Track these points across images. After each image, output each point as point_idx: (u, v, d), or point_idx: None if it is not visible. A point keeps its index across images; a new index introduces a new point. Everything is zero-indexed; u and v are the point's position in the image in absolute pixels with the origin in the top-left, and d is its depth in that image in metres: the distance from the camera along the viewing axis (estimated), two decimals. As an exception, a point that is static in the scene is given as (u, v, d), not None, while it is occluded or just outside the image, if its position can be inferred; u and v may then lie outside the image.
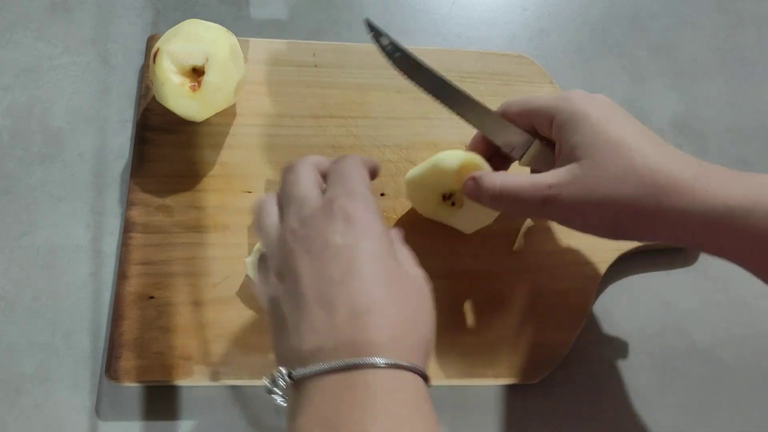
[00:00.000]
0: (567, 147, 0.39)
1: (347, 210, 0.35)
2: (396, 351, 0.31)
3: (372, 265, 0.33)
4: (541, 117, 0.42)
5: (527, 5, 0.62)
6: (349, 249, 0.34)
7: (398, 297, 0.33)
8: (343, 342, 0.31)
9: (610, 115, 0.39)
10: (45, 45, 0.55)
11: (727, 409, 0.50)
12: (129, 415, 0.46)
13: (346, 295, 0.32)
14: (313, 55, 0.55)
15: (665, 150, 0.38)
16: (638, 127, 0.39)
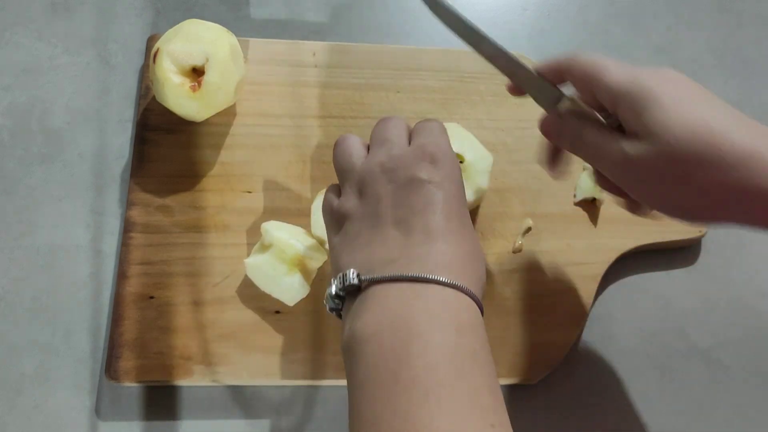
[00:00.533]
0: (638, 125, 0.37)
1: (436, 154, 0.38)
2: (459, 277, 0.34)
3: (450, 202, 0.37)
4: (607, 95, 0.39)
5: (527, 5, 0.62)
6: (432, 185, 0.37)
7: (464, 235, 0.37)
8: (415, 259, 0.35)
9: (683, 88, 0.38)
10: (45, 45, 0.55)
11: (727, 409, 0.50)
12: (129, 415, 0.46)
13: (423, 222, 0.36)
14: (313, 55, 0.55)
15: (746, 123, 0.36)
16: (716, 102, 0.38)
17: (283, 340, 0.47)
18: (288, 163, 0.52)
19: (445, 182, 0.38)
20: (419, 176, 0.37)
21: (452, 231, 0.36)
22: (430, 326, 0.32)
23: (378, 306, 0.34)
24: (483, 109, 0.55)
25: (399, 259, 0.35)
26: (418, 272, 0.34)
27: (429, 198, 0.37)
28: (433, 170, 0.38)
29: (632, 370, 0.50)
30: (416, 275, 0.34)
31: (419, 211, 0.37)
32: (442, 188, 0.37)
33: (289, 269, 0.45)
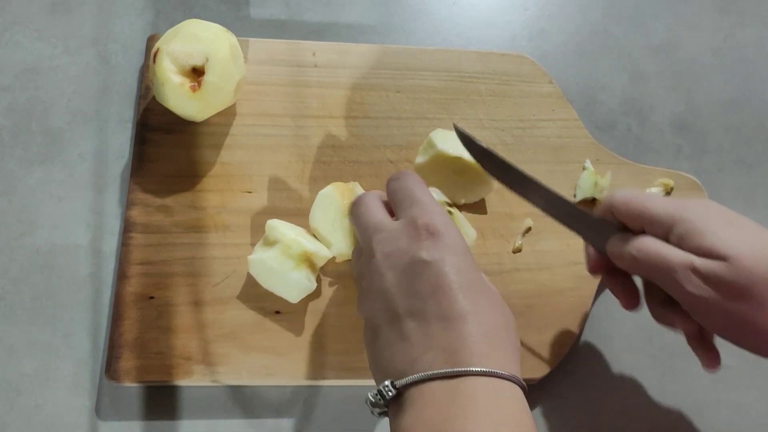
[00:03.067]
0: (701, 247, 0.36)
1: (431, 227, 0.36)
2: (491, 360, 0.33)
3: (458, 277, 0.35)
4: (658, 225, 0.39)
5: (528, 5, 0.62)
6: (435, 263, 0.35)
7: (485, 307, 0.35)
8: (440, 351, 0.33)
9: (729, 219, 0.37)
10: (45, 45, 0.55)
11: (726, 409, 0.50)
12: (129, 415, 0.46)
13: (436, 308, 0.34)
14: (313, 55, 0.55)
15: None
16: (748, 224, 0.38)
17: (283, 340, 0.47)
18: (288, 163, 0.52)
19: (448, 255, 0.35)
20: (420, 257, 0.35)
21: (471, 308, 0.34)
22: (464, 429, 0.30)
23: (413, 410, 0.32)
24: (483, 109, 0.55)
25: (423, 355, 0.33)
26: (445, 367, 0.32)
27: (435, 279, 0.35)
28: (432, 246, 0.36)
29: (632, 370, 0.50)
30: (445, 372, 0.32)
31: (429, 297, 0.35)
32: (447, 263, 0.35)
33: (296, 264, 0.46)
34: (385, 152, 0.53)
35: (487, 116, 0.55)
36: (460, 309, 0.34)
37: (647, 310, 0.52)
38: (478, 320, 0.34)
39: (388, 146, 0.53)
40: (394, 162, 0.53)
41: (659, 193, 0.54)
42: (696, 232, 0.36)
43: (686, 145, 0.58)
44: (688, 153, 0.58)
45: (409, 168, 0.53)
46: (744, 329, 0.36)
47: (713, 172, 0.57)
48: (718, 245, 0.36)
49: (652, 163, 0.57)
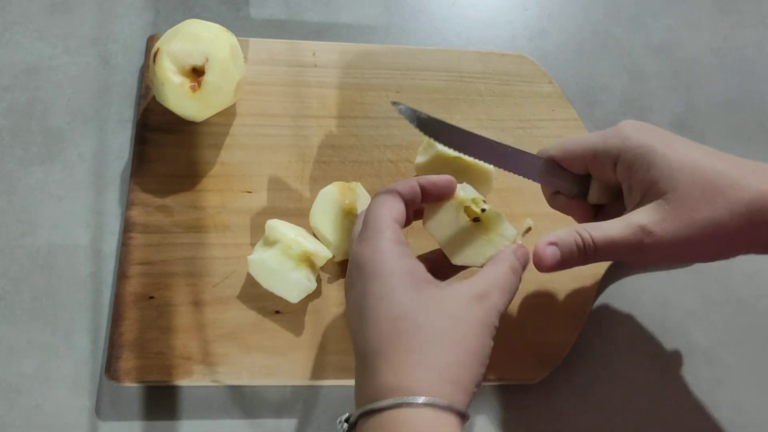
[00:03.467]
0: (644, 184, 0.38)
1: (357, 259, 0.37)
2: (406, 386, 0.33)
3: (377, 306, 0.35)
4: (602, 159, 0.40)
5: (528, 5, 0.62)
6: (359, 296, 0.36)
7: (410, 330, 0.34)
8: (371, 386, 0.34)
9: (668, 141, 0.39)
10: (45, 45, 0.55)
11: (727, 409, 0.50)
12: (129, 415, 0.46)
13: (363, 343, 0.35)
14: (313, 55, 0.55)
15: (734, 162, 0.38)
16: (697, 146, 0.39)
17: (283, 340, 0.47)
18: (288, 163, 0.52)
19: (368, 284, 0.36)
20: (349, 294, 0.37)
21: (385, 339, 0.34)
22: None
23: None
24: (483, 109, 0.55)
25: (362, 391, 0.35)
26: (366, 406, 0.33)
27: (360, 313, 0.36)
28: (358, 277, 0.37)
29: (632, 370, 0.50)
30: (364, 410, 0.33)
31: (358, 332, 0.36)
32: (366, 294, 0.36)
33: (296, 264, 0.46)
34: (385, 152, 0.53)
35: (487, 116, 0.55)
36: (374, 342, 0.35)
37: (647, 310, 0.52)
38: (393, 350, 0.34)
39: (388, 146, 0.53)
40: (394, 162, 0.53)
41: None
42: (642, 166, 0.38)
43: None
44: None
45: (409, 168, 0.53)
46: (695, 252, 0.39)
47: (713, 172, 0.57)
48: (660, 181, 0.37)
49: (652, 163, 0.57)
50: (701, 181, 0.37)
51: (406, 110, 0.41)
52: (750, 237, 0.37)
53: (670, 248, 0.37)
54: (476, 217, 0.41)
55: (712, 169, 0.37)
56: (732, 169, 0.37)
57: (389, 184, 0.52)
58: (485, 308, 0.36)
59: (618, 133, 0.40)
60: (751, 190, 0.36)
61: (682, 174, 0.37)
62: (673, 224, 0.37)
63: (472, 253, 0.40)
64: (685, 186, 0.37)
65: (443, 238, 0.41)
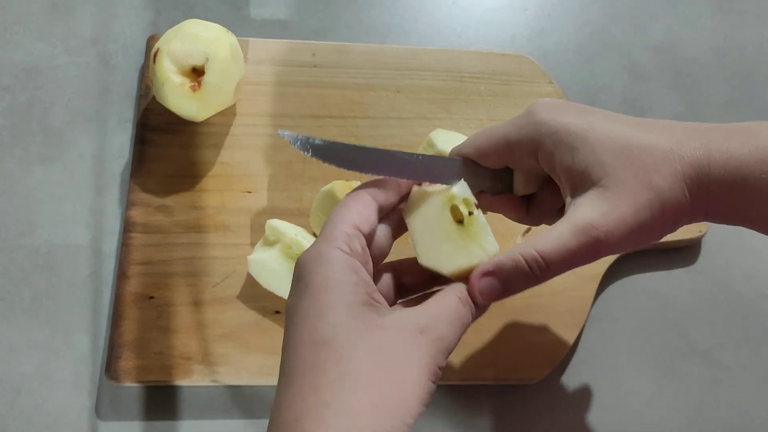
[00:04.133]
0: (571, 173, 0.35)
1: (297, 266, 0.33)
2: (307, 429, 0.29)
3: (302, 324, 0.31)
4: (518, 151, 0.36)
5: (528, 5, 0.62)
6: (290, 308, 0.32)
7: (330, 360, 0.30)
8: (276, 419, 0.30)
9: (585, 119, 0.35)
10: (45, 45, 0.55)
11: (727, 409, 0.50)
12: (129, 415, 0.46)
13: (282, 363, 0.32)
14: (313, 55, 0.55)
15: (658, 131, 0.35)
16: (613, 118, 0.36)
17: (283, 340, 0.47)
18: (288, 163, 0.52)
19: (297, 299, 0.32)
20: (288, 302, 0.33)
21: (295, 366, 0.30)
22: None
23: None
24: (483, 109, 0.55)
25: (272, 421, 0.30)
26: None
27: (285, 329, 0.32)
28: (293, 291, 0.32)
29: (632, 370, 0.50)
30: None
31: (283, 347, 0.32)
32: (293, 310, 0.32)
33: None
34: (385, 152, 0.53)
35: (487, 116, 0.55)
36: (287, 367, 0.31)
37: (647, 310, 0.52)
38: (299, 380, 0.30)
39: (388, 146, 0.53)
40: (394, 162, 0.53)
41: None
42: (565, 154, 0.34)
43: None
44: (688, 153, 0.58)
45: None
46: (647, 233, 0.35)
47: (713, 172, 0.57)
48: (589, 167, 0.34)
49: (652, 163, 0.57)
50: (632, 161, 0.33)
51: (295, 139, 0.36)
52: (691, 207, 0.34)
53: (626, 238, 0.34)
54: (461, 219, 0.36)
55: (638, 145, 0.34)
56: (657, 141, 0.34)
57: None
58: (429, 343, 0.31)
59: (530, 119, 0.36)
60: (683, 162, 0.33)
61: (609, 156, 0.34)
62: (622, 213, 0.33)
63: (443, 257, 0.35)
64: (617, 170, 0.33)
65: (418, 231, 0.36)
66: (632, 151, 0.34)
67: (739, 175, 0.33)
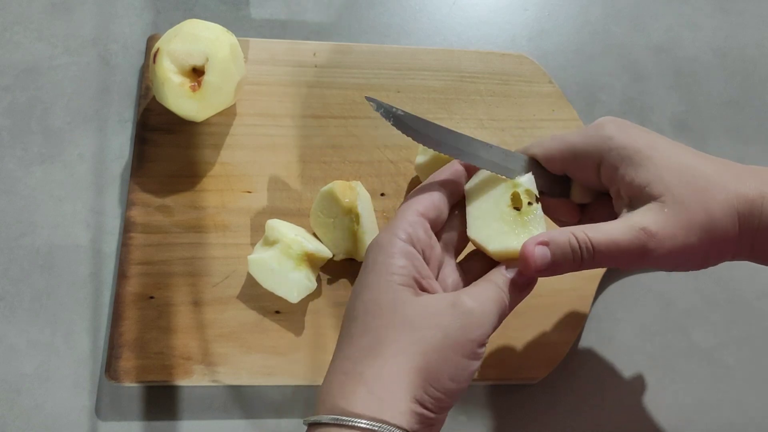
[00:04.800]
0: (632, 187, 0.36)
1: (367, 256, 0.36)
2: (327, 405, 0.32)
3: (349, 304, 0.35)
4: (583, 161, 0.38)
5: (528, 5, 0.62)
6: (351, 294, 0.35)
7: (359, 333, 0.33)
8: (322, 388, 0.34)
9: (652, 141, 0.37)
10: (45, 45, 0.55)
11: (727, 409, 0.50)
12: (129, 415, 0.46)
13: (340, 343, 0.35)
14: (313, 55, 0.55)
15: (717, 164, 0.37)
16: (678, 146, 0.38)
17: (283, 340, 0.47)
18: (288, 163, 0.52)
19: (359, 277, 0.35)
20: None
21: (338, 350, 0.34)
22: None
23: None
24: (483, 109, 0.55)
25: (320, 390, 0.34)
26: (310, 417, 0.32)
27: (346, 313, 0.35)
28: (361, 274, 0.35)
29: (633, 370, 0.50)
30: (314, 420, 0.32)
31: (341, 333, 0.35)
32: (353, 292, 0.35)
33: (296, 264, 0.46)
34: (385, 152, 0.53)
35: (487, 116, 0.55)
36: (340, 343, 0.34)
37: (647, 310, 0.52)
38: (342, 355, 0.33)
39: (388, 146, 0.53)
40: (394, 162, 0.53)
41: None
42: (629, 168, 0.36)
43: (686, 145, 0.58)
44: (688, 153, 0.58)
45: (409, 168, 0.53)
46: (692, 259, 0.37)
47: (713, 172, 0.57)
48: (651, 183, 0.36)
49: (652, 163, 0.57)
50: (692, 183, 0.35)
51: (380, 106, 0.39)
52: (737, 242, 0.36)
53: (672, 253, 0.35)
54: (518, 207, 0.38)
55: (699, 171, 0.36)
56: (717, 172, 0.36)
57: (387, 183, 0.52)
58: (457, 315, 0.33)
59: (599, 132, 0.37)
60: (738, 195, 0.35)
61: (671, 176, 0.35)
62: (675, 228, 0.35)
63: (492, 235, 0.37)
64: (677, 188, 0.35)
65: (475, 205, 0.38)
66: (693, 175, 0.36)
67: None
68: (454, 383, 0.32)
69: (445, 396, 0.32)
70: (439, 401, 0.32)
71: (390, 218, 0.51)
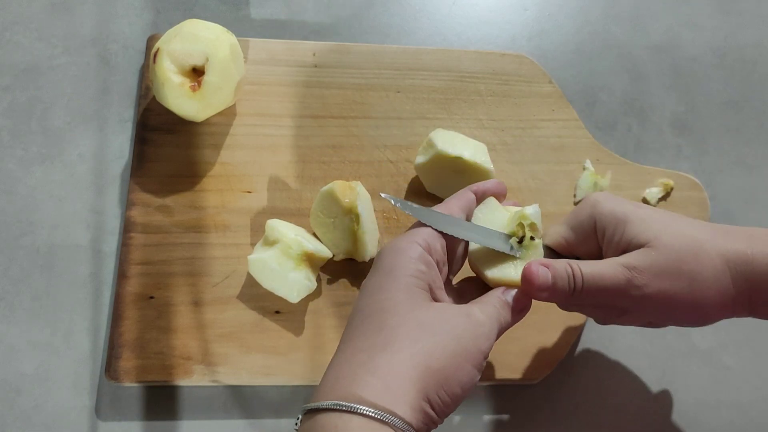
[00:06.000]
0: (622, 242, 0.38)
1: (376, 257, 0.38)
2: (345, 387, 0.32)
3: (362, 297, 0.36)
4: (582, 235, 0.40)
5: (528, 5, 0.62)
6: (360, 293, 0.37)
7: (374, 329, 0.34)
8: (324, 379, 0.34)
9: (638, 205, 0.39)
10: (45, 45, 0.55)
11: (726, 409, 0.50)
12: (129, 415, 0.46)
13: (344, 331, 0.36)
14: (313, 55, 0.55)
15: (702, 225, 0.39)
16: (664, 212, 0.40)
17: (283, 340, 0.47)
18: (288, 163, 0.52)
19: (372, 276, 0.36)
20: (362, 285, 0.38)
21: (345, 341, 0.35)
22: None
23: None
24: (483, 109, 0.55)
25: (321, 382, 0.34)
26: (310, 404, 0.32)
27: (356, 301, 0.36)
28: (370, 273, 0.37)
29: (632, 370, 0.50)
30: (309, 408, 0.32)
31: (349, 321, 0.36)
32: (364, 287, 0.36)
33: (296, 264, 0.46)
34: (385, 152, 0.53)
35: (487, 116, 0.55)
36: (344, 336, 0.35)
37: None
38: (353, 348, 0.34)
39: (388, 146, 0.53)
40: (394, 162, 0.53)
41: (659, 193, 0.54)
42: (618, 226, 0.38)
43: (686, 145, 0.58)
44: (688, 153, 0.58)
45: (409, 168, 0.53)
46: (684, 308, 0.38)
47: (713, 172, 0.57)
48: (639, 234, 0.37)
49: (652, 163, 0.57)
50: (681, 237, 0.37)
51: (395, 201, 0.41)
52: (734, 298, 0.37)
53: (661, 295, 0.37)
54: (521, 240, 0.40)
55: (687, 229, 0.38)
56: (704, 231, 0.38)
57: (387, 183, 0.52)
58: (471, 324, 0.35)
59: (588, 202, 0.40)
60: (728, 251, 0.37)
61: (659, 227, 0.37)
62: (661, 270, 0.36)
63: (492, 262, 0.39)
64: (666, 237, 0.37)
65: None
66: (681, 231, 0.37)
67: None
68: (460, 390, 0.33)
69: (451, 401, 0.33)
70: (445, 405, 0.33)
71: (390, 218, 0.51)
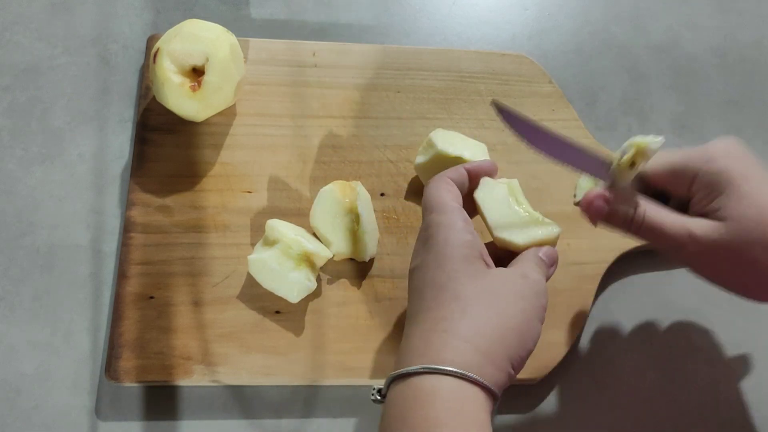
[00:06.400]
0: (710, 207, 0.39)
1: (424, 234, 0.39)
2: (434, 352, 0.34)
3: (427, 273, 0.38)
4: (683, 177, 0.41)
5: (528, 5, 0.62)
6: (420, 263, 0.39)
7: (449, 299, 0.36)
8: (405, 350, 0.36)
9: (748, 172, 0.39)
10: (45, 45, 0.55)
11: (727, 409, 0.50)
12: (129, 415, 0.46)
13: (409, 308, 0.38)
14: (313, 55, 0.55)
15: None
16: None
17: (283, 340, 0.47)
18: (288, 163, 0.52)
19: (427, 255, 0.38)
20: (412, 259, 0.40)
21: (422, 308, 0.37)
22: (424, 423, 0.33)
23: (389, 407, 0.35)
24: (483, 109, 0.55)
25: (401, 354, 0.36)
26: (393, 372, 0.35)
27: (414, 284, 0.38)
28: (422, 251, 0.39)
29: (632, 370, 0.50)
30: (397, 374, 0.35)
31: (414, 299, 0.38)
32: (422, 266, 0.38)
33: (296, 264, 0.46)
34: (385, 152, 0.53)
35: (487, 116, 0.55)
36: (415, 310, 0.37)
37: (647, 310, 0.52)
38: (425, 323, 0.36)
39: (388, 146, 0.53)
40: (394, 162, 0.53)
41: None
42: (713, 191, 0.39)
43: (686, 145, 0.58)
44: (688, 153, 0.58)
45: (409, 168, 0.53)
46: (735, 288, 0.41)
47: (713, 172, 0.57)
48: (726, 207, 0.38)
49: (652, 163, 0.57)
50: (763, 221, 0.37)
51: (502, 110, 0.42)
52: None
53: (707, 267, 0.39)
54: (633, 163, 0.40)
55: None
56: None
57: (387, 183, 0.52)
58: (530, 284, 0.38)
59: (703, 154, 0.40)
60: None
61: (747, 211, 0.38)
62: (723, 249, 0.38)
63: (515, 232, 0.42)
64: (748, 224, 0.37)
65: (489, 210, 0.42)
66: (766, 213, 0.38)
67: None
68: (532, 344, 0.37)
69: (526, 356, 0.36)
70: (522, 361, 0.36)
71: (390, 218, 0.51)
